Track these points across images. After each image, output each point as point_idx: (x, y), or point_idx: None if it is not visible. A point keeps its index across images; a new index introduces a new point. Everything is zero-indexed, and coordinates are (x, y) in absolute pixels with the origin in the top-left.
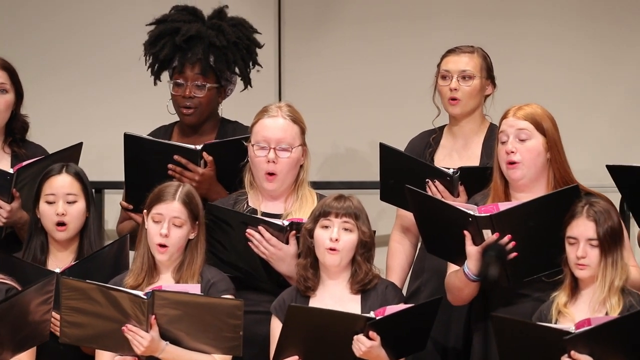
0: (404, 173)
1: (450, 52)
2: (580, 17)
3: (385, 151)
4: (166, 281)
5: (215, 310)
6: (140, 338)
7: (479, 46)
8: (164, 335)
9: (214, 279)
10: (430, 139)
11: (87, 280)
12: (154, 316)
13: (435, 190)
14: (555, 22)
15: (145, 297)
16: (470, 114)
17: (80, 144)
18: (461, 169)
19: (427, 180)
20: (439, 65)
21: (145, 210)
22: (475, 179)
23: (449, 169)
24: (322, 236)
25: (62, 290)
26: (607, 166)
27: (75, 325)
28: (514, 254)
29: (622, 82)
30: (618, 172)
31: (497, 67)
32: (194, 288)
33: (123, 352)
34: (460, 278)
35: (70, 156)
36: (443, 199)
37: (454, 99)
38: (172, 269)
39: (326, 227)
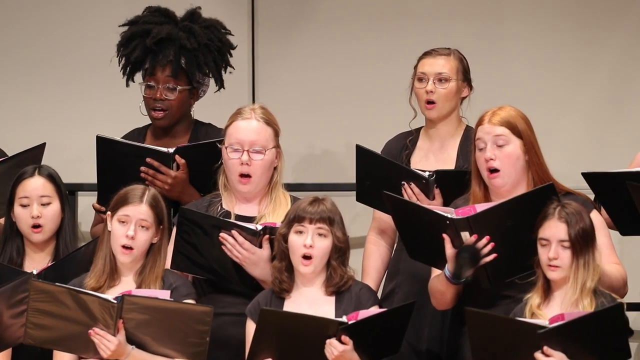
0: (379, 175)
1: (426, 54)
2: (555, 19)
3: (361, 153)
4: (127, 284)
5: (184, 316)
6: (107, 342)
7: (455, 48)
8: (130, 339)
9: (176, 283)
10: (407, 141)
11: (57, 284)
12: (121, 320)
13: (411, 193)
14: (531, 25)
15: (115, 301)
16: (446, 117)
17: (44, 145)
18: (437, 172)
19: (402, 182)
20: (415, 68)
21: (109, 212)
22: (451, 182)
23: (424, 171)
24: (297, 242)
25: (29, 292)
26: (583, 174)
27: (41, 327)
28: (493, 255)
29: (597, 83)
30: (594, 179)
31: (473, 69)
32: (164, 294)
33: (88, 355)
34: (442, 281)
35: (33, 157)
36: (420, 203)
37: (430, 102)
38: (134, 272)
39: (300, 232)
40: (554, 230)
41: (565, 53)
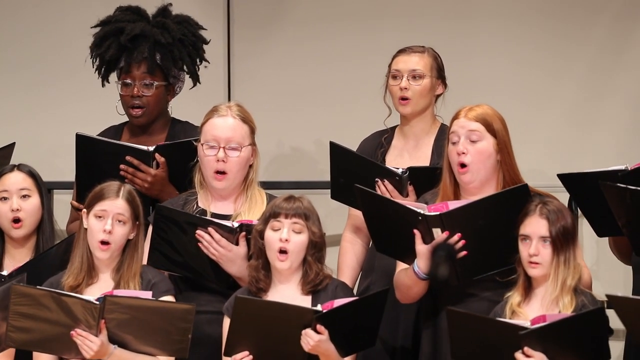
0: (353, 172)
1: (400, 52)
2: (530, 13)
3: (335, 150)
4: (105, 281)
5: (166, 315)
6: (90, 342)
7: (430, 46)
8: (111, 339)
9: (155, 280)
10: (382, 139)
11: (38, 287)
12: (103, 320)
13: (385, 189)
14: (505, 20)
15: (97, 302)
16: (420, 114)
17: (13, 144)
18: (410, 169)
19: (376, 179)
20: (389, 65)
21: (84, 210)
22: (424, 179)
23: (398, 168)
24: (273, 237)
25: (11, 296)
26: (558, 175)
27: (23, 330)
28: (463, 253)
29: (574, 78)
30: (569, 181)
31: (449, 66)
32: (146, 294)
33: (70, 356)
34: (410, 276)
35: (2, 157)
36: (393, 199)
37: (404, 98)
38: (112, 269)
39: (276, 227)
40: (535, 227)
41: (541, 47)
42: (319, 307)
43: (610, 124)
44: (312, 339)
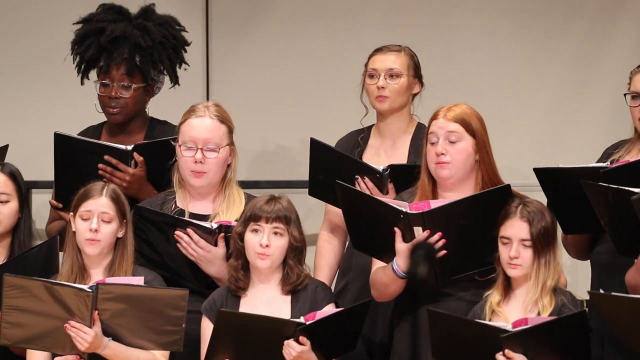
0: (333, 169)
1: (377, 51)
2: (508, 7)
3: (315, 146)
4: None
5: (159, 302)
6: (84, 334)
7: (410, 44)
8: (105, 332)
9: (147, 278)
10: (359, 139)
11: (31, 277)
12: (96, 312)
13: (365, 187)
14: (485, 16)
15: (90, 290)
16: (397, 111)
17: (6, 147)
18: (391, 166)
19: (356, 176)
20: (366, 65)
21: (71, 213)
22: (404, 177)
23: (379, 166)
24: (253, 241)
25: (3, 288)
26: (534, 169)
27: (17, 326)
28: (443, 252)
29: (554, 71)
30: (544, 174)
31: (428, 63)
32: (138, 280)
33: (64, 351)
34: (388, 275)
35: None
36: (374, 196)
37: (381, 95)
38: (103, 268)
39: (256, 231)
40: (516, 229)
41: (522, 42)
42: (301, 319)
43: (592, 119)
44: (295, 349)
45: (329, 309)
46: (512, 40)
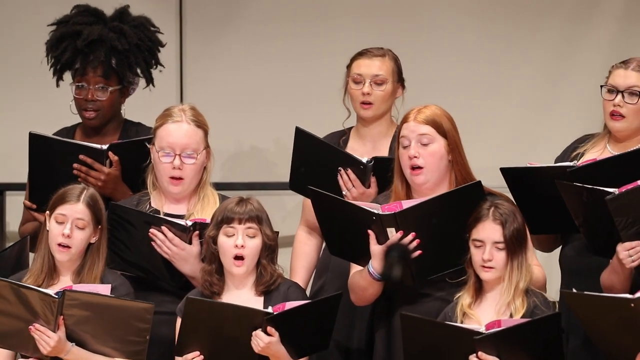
0: (316, 160)
1: (361, 55)
2: (479, 5)
3: (300, 136)
4: (66, 283)
5: (124, 313)
6: (47, 338)
7: (380, 45)
8: (69, 337)
9: (115, 283)
10: (340, 141)
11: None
12: (62, 317)
13: (347, 178)
14: (457, 16)
15: (56, 296)
16: (380, 117)
17: None
18: (375, 158)
19: (339, 168)
20: (349, 67)
21: (47, 212)
22: (388, 171)
23: (363, 158)
24: (227, 243)
25: None
26: (501, 169)
27: None
28: (418, 252)
29: (530, 67)
30: (511, 174)
31: (404, 64)
32: (105, 289)
33: (27, 352)
34: (365, 277)
35: None
36: (346, 199)
37: (366, 102)
38: (72, 272)
39: (230, 234)
40: (489, 232)
41: (492, 39)
42: (270, 309)
43: (567, 115)
44: (262, 340)
45: (299, 301)
46: (484, 38)
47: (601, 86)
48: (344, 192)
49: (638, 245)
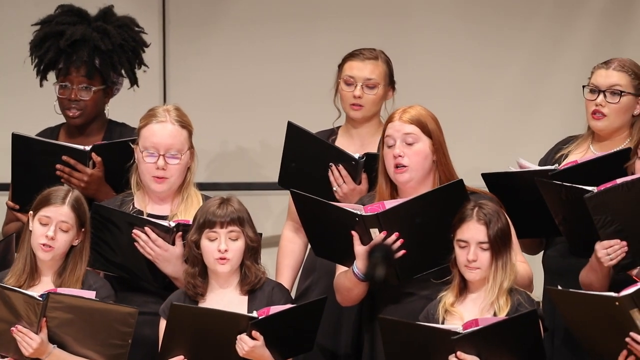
0: (307, 155)
1: (354, 56)
2: (465, 6)
3: (292, 130)
4: (47, 284)
5: (108, 317)
6: (30, 340)
7: (364, 46)
8: (51, 339)
9: (96, 285)
10: (329, 140)
11: None
12: (45, 319)
13: (338, 174)
14: (442, 16)
15: (40, 298)
16: (370, 119)
17: None
18: (367, 154)
19: (330, 164)
20: (340, 67)
21: (31, 212)
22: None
23: (355, 154)
24: (210, 248)
25: None
26: (482, 175)
27: None
28: (402, 252)
29: (514, 67)
30: (493, 180)
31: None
32: (89, 294)
33: (8, 353)
34: (350, 278)
35: None
36: (336, 195)
37: (356, 104)
38: (54, 272)
39: (212, 238)
40: (473, 232)
41: (476, 40)
42: (254, 314)
43: (551, 116)
44: (247, 344)
45: (284, 305)
46: (467, 39)
47: (583, 87)
48: (334, 188)
49: (616, 243)
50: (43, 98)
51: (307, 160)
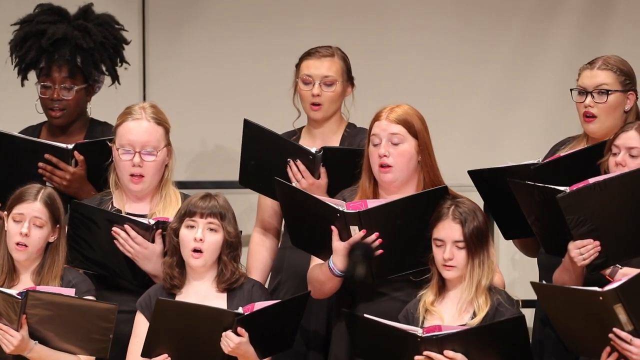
0: (266, 152)
1: (310, 55)
2: (446, 5)
3: (249, 127)
4: (26, 283)
5: (88, 313)
6: (10, 337)
7: (342, 45)
8: (33, 335)
9: (75, 280)
10: (292, 140)
11: None
12: (25, 316)
13: (296, 170)
14: (419, 13)
15: (19, 297)
16: (330, 118)
17: None
18: (324, 148)
19: (288, 159)
20: (298, 67)
21: (5, 212)
22: (338, 161)
23: (312, 148)
24: (187, 236)
25: None
26: (469, 171)
27: None
28: (380, 251)
29: (496, 64)
30: (479, 176)
31: (359, 65)
32: (69, 291)
33: None
34: (325, 272)
35: None
36: (312, 194)
37: (315, 104)
38: (32, 271)
39: (191, 227)
40: (449, 231)
41: (456, 37)
42: (240, 310)
43: (533, 113)
44: (233, 341)
45: (268, 301)
46: (448, 37)
47: (571, 90)
48: (293, 184)
49: (589, 243)
50: (24, 97)
51: (265, 157)
